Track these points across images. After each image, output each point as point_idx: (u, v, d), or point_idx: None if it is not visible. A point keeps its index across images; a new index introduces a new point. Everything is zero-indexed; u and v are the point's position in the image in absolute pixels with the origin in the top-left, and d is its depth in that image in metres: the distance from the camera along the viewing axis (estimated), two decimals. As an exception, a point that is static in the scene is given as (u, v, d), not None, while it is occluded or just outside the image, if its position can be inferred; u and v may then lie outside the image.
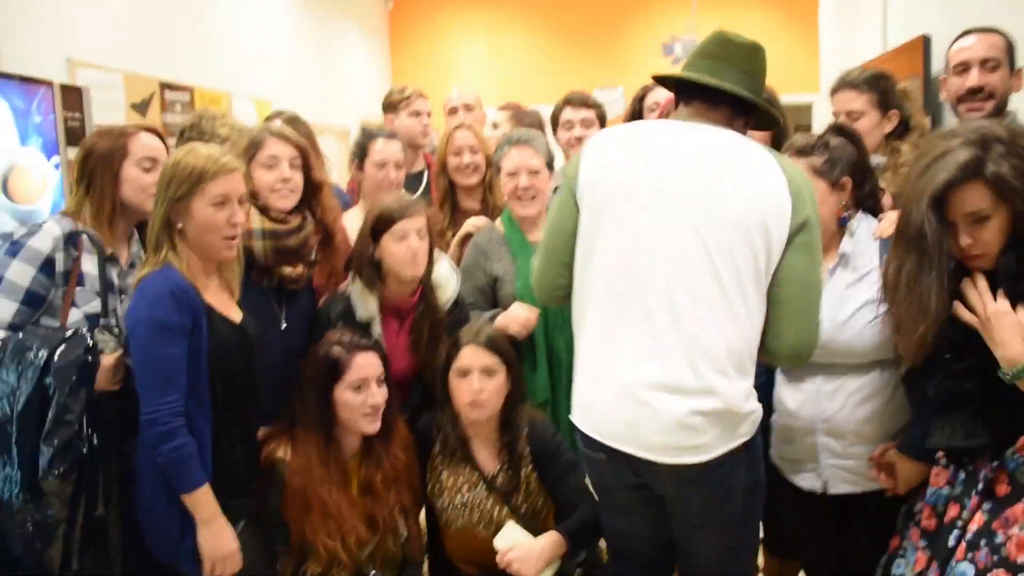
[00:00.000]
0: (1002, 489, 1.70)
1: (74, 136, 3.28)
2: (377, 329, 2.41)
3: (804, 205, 1.81)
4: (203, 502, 1.93)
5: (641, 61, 7.64)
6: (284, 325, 2.40)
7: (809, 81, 6.67)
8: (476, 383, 2.27)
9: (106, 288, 2.12)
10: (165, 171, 2.00)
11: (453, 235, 2.92)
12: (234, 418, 2.04)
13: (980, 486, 1.73)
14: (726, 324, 1.78)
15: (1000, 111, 2.42)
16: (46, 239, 2.08)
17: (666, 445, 1.80)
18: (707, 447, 1.80)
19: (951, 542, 1.75)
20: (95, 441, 1.95)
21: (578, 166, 1.94)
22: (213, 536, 1.94)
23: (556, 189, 2.91)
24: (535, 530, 2.29)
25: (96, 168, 2.17)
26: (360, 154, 2.89)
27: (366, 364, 2.22)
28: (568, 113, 3.18)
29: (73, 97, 3.33)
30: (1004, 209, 1.67)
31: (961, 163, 1.66)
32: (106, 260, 2.13)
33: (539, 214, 2.66)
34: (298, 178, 2.39)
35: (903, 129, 2.61)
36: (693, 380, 1.77)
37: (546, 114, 3.48)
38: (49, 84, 3.23)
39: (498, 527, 2.30)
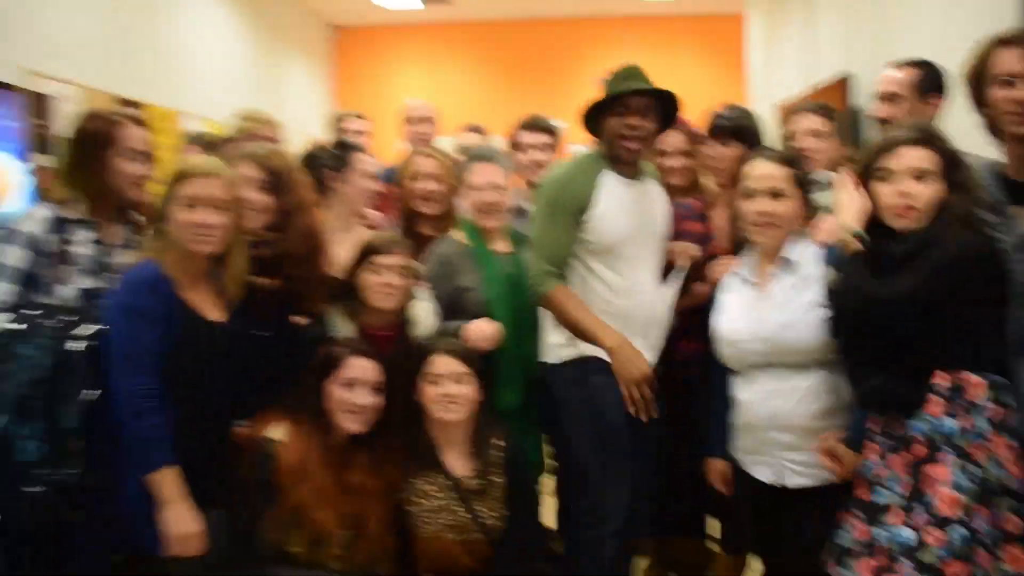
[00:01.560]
0: (919, 450, 1.88)
1: (41, 143, 3.30)
2: None
3: None
4: (167, 481, 2.00)
5: (579, 94, 7.88)
6: (262, 332, 2.41)
7: (736, 116, 7.02)
8: (448, 387, 2.40)
9: (98, 267, 2.22)
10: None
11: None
12: (199, 412, 2.12)
13: (901, 448, 1.91)
14: None
15: None
16: (35, 222, 2.20)
17: None
18: None
19: (879, 500, 1.92)
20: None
21: None
22: (178, 516, 2.01)
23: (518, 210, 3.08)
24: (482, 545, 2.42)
25: (84, 152, 2.26)
26: (339, 165, 2.90)
27: (360, 367, 2.33)
28: (525, 137, 3.25)
29: (41, 104, 3.35)
30: None
31: None
32: (96, 240, 2.24)
33: (501, 226, 2.80)
34: (262, 200, 2.41)
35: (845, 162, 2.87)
36: None
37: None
38: (21, 91, 3.25)
39: (466, 531, 2.41)
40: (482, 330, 2.60)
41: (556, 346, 2.61)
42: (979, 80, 2.04)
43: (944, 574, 1.78)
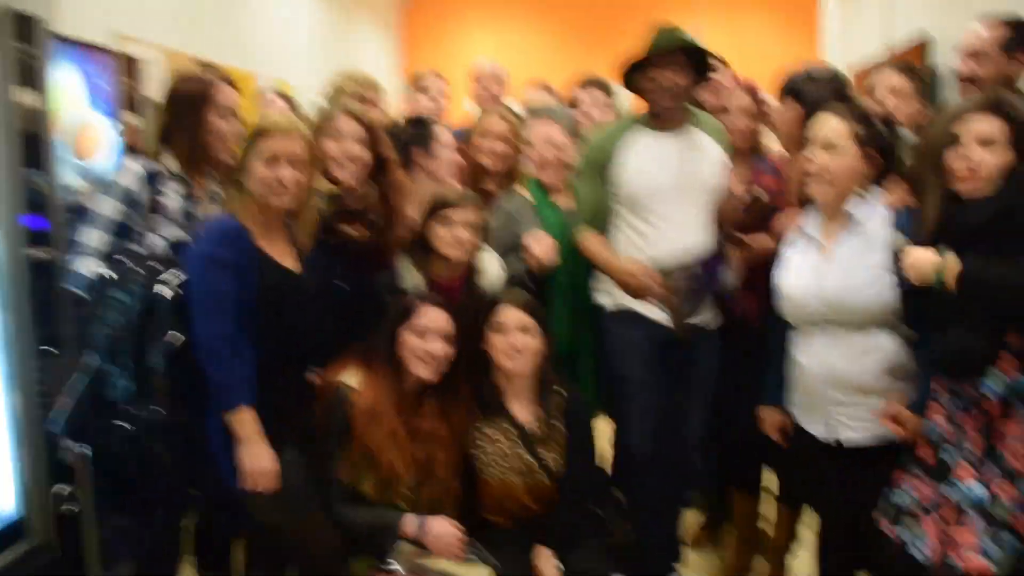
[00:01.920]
0: (992, 407, 1.90)
1: (131, 103, 3.45)
2: None
3: None
4: (245, 420, 2.11)
5: (647, 58, 7.84)
6: (342, 282, 2.55)
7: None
8: (515, 337, 2.47)
9: (186, 219, 2.36)
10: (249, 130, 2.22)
11: None
12: (280, 355, 2.20)
13: (972, 408, 1.94)
14: None
15: None
16: (129, 176, 2.31)
17: None
18: None
19: (946, 459, 1.96)
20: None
21: None
22: (252, 453, 2.12)
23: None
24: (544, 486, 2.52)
25: (181, 111, 2.37)
26: (423, 142, 2.97)
27: (432, 315, 2.41)
28: (582, 95, 3.40)
29: (131, 67, 3.50)
30: None
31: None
32: (185, 195, 2.36)
33: (562, 181, 2.87)
34: (359, 152, 2.57)
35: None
36: None
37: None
38: (111, 53, 3.40)
39: (531, 474, 2.50)
40: (541, 241, 2.69)
41: (598, 293, 2.76)
42: None
43: (1015, 528, 1.81)
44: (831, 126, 2.24)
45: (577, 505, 2.53)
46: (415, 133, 3.01)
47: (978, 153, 1.95)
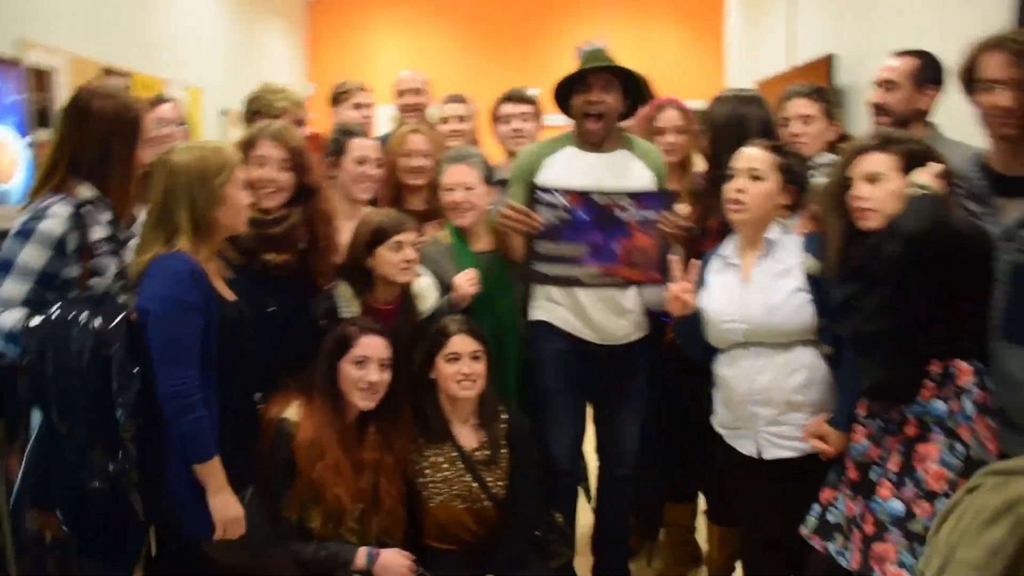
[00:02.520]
0: (911, 430, 2.04)
1: (43, 118, 3.27)
2: None
3: None
4: (215, 472, 2.05)
5: (556, 64, 7.92)
6: (271, 308, 2.49)
7: (715, 88, 7.10)
8: (467, 366, 2.51)
9: (116, 246, 2.24)
10: (194, 167, 2.07)
11: None
12: (235, 391, 2.17)
13: (894, 428, 2.06)
14: None
15: (903, 125, 2.69)
16: (56, 222, 2.13)
17: None
18: None
19: (873, 477, 2.08)
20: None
21: None
22: (223, 502, 2.06)
23: (500, 181, 3.15)
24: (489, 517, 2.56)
25: (109, 137, 2.21)
26: (336, 150, 2.91)
27: (371, 345, 2.40)
28: (506, 108, 3.41)
29: (41, 79, 3.32)
30: None
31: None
32: (112, 221, 2.23)
33: (476, 224, 2.83)
34: (285, 179, 2.51)
35: (839, 140, 2.95)
36: None
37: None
38: (19, 64, 3.21)
39: (476, 499, 2.53)
40: (461, 279, 2.70)
41: (531, 309, 2.82)
42: (969, 80, 2.13)
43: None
44: (756, 156, 2.37)
45: (521, 529, 2.57)
46: (332, 141, 2.96)
47: (866, 190, 2.08)
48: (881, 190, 2.07)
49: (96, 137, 2.20)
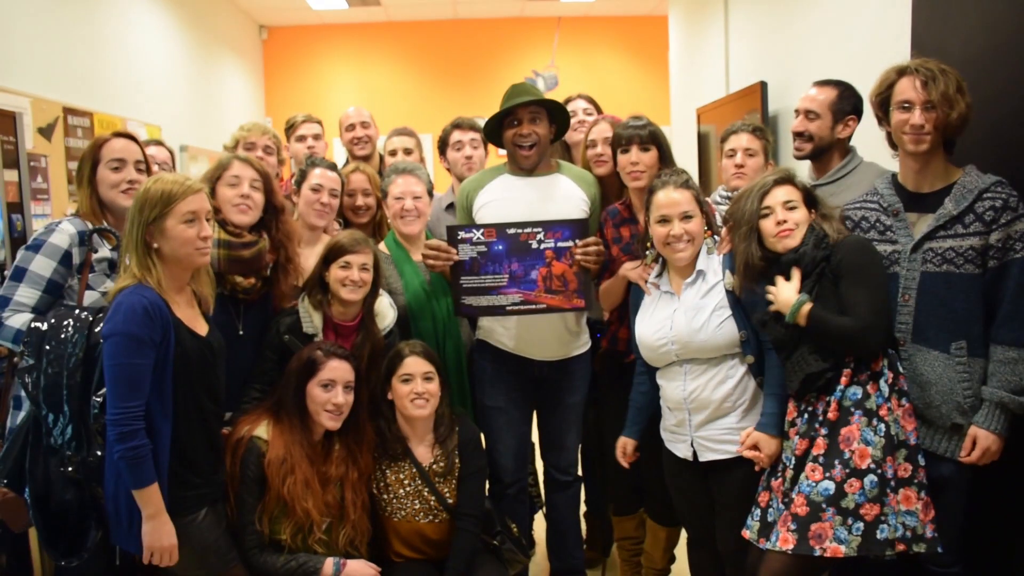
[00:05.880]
0: (833, 415, 2.25)
1: (9, 159, 3.35)
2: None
3: None
4: (150, 499, 2.10)
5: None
6: (240, 332, 2.67)
7: (661, 115, 7.37)
8: (420, 386, 2.67)
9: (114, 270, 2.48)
10: (137, 198, 2.20)
11: None
12: (195, 417, 2.24)
13: (820, 418, 2.27)
14: None
15: (825, 151, 2.90)
16: (64, 236, 2.43)
17: None
18: None
19: (804, 465, 2.27)
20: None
21: None
22: (155, 529, 2.12)
23: (450, 206, 3.36)
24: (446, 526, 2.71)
25: (79, 172, 2.55)
26: (300, 179, 3.09)
27: (337, 368, 2.55)
28: (457, 135, 3.58)
29: (7, 122, 3.41)
30: None
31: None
32: (113, 247, 2.49)
33: (420, 232, 3.06)
34: (258, 198, 2.69)
35: None
36: None
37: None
38: (-16, 109, 3.30)
39: (435, 512, 2.68)
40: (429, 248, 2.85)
41: (476, 330, 3.05)
42: (883, 103, 2.39)
43: (861, 515, 2.15)
44: (678, 199, 2.54)
45: (469, 532, 2.71)
46: (298, 175, 3.13)
47: (788, 214, 2.35)
48: (798, 214, 2.36)
49: (78, 174, 2.58)
